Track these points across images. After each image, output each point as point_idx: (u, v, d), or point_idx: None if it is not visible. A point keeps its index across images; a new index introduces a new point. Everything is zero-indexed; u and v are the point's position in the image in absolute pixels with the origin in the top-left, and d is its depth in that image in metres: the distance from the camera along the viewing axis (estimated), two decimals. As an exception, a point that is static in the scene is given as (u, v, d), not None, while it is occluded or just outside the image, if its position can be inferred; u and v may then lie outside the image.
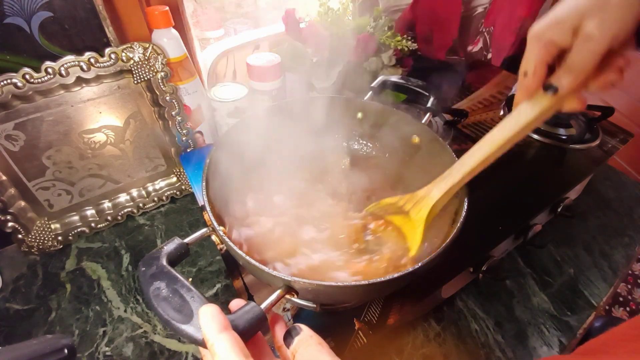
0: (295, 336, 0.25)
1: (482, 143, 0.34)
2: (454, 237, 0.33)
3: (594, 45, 0.27)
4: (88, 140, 0.54)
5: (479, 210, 0.37)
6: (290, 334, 0.26)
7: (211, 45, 0.66)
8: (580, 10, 0.27)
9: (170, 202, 0.64)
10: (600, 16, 0.26)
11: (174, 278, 0.27)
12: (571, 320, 0.50)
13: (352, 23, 0.64)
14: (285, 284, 0.30)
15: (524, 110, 0.32)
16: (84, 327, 0.48)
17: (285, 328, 0.27)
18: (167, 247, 0.30)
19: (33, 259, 0.56)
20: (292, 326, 0.26)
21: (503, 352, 0.46)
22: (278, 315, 0.30)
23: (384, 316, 0.43)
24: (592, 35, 0.26)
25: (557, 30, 0.28)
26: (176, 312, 0.25)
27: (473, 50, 0.94)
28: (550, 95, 0.30)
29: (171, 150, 0.62)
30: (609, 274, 0.55)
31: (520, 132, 0.32)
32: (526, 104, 0.32)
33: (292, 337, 0.26)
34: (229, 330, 0.23)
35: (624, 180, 0.71)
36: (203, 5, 0.75)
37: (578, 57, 0.28)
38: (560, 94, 0.29)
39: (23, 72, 0.45)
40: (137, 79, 0.53)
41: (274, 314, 0.30)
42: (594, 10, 0.27)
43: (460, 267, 0.46)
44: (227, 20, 0.82)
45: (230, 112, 0.60)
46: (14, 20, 0.44)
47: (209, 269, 0.54)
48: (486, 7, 0.86)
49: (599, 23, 0.26)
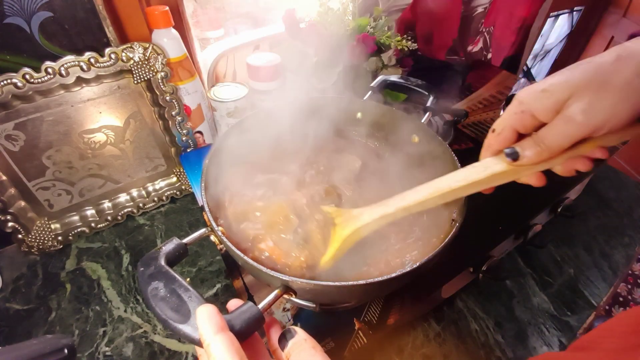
0: (290, 339, 0.25)
1: (429, 185, 0.33)
2: (453, 236, 0.33)
3: (572, 130, 0.24)
4: (88, 140, 0.54)
5: (479, 210, 0.37)
6: (284, 336, 0.26)
7: (211, 45, 0.66)
8: (571, 85, 0.24)
9: (170, 202, 0.64)
10: (589, 100, 0.23)
11: (172, 278, 0.27)
12: (571, 320, 0.50)
13: (352, 23, 0.64)
14: (283, 284, 0.30)
15: (477, 168, 0.30)
16: (84, 327, 0.48)
17: (280, 331, 0.27)
18: (166, 247, 0.30)
19: (33, 259, 0.56)
20: (287, 329, 0.26)
21: (503, 352, 0.46)
22: (274, 319, 0.29)
23: (384, 316, 0.43)
24: (574, 119, 0.24)
25: (540, 101, 0.26)
26: (174, 312, 0.25)
27: (473, 50, 0.94)
28: (509, 160, 0.28)
29: (171, 150, 0.62)
30: (609, 274, 0.55)
31: (466, 188, 0.31)
32: (483, 163, 0.30)
33: (286, 340, 0.26)
34: (225, 331, 0.23)
35: (624, 180, 0.71)
36: (203, 5, 0.75)
37: (550, 134, 0.26)
38: (519, 164, 0.27)
39: (23, 72, 0.45)
40: (137, 79, 0.53)
41: (270, 318, 0.29)
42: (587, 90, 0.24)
43: (460, 267, 0.46)
44: (227, 20, 0.82)
45: (230, 112, 0.60)
46: (14, 20, 0.44)
47: (209, 269, 0.54)
48: (486, 7, 0.86)
49: (586, 107, 0.23)
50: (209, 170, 0.39)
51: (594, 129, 0.24)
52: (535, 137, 0.27)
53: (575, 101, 0.24)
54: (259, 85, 0.61)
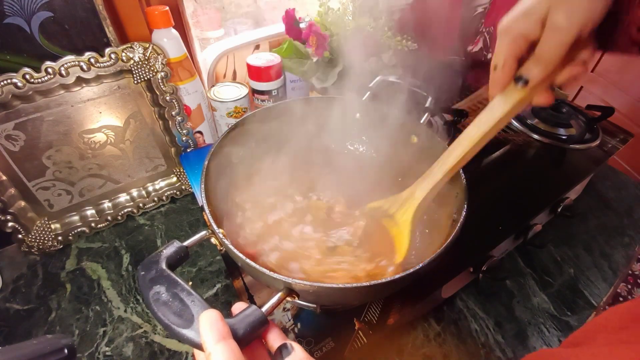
0: (286, 356, 0.25)
1: (461, 140, 0.34)
2: (455, 237, 0.33)
3: (562, 36, 0.26)
4: (88, 140, 0.54)
5: (479, 210, 0.37)
6: (280, 351, 0.25)
7: (211, 45, 0.66)
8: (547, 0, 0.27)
9: (170, 202, 0.64)
10: (567, 6, 0.26)
11: (174, 282, 0.27)
12: (571, 320, 0.50)
13: (352, 23, 0.64)
14: (286, 287, 0.29)
15: (497, 105, 0.32)
16: (84, 327, 0.48)
17: (279, 337, 0.26)
18: (167, 250, 0.30)
19: (33, 259, 0.56)
20: (284, 344, 0.26)
21: (503, 352, 0.46)
22: (271, 322, 0.29)
23: (384, 316, 0.43)
24: (560, 26, 0.26)
25: (525, 22, 0.28)
26: (176, 317, 0.25)
27: (473, 50, 0.94)
28: (520, 87, 0.30)
29: (171, 150, 0.62)
30: (609, 274, 0.55)
31: (495, 127, 0.32)
32: (499, 98, 0.32)
33: (282, 357, 0.25)
34: (226, 339, 0.23)
35: (624, 180, 0.71)
36: (203, 5, 0.75)
37: (546, 47, 0.28)
38: (531, 85, 0.29)
39: (23, 72, 0.45)
40: (137, 79, 0.53)
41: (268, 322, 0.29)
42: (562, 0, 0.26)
43: (460, 267, 0.46)
44: (227, 20, 0.82)
45: (230, 112, 0.60)
46: (14, 20, 0.44)
47: (209, 269, 0.54)
48: (486, 7, 0.86)
49: (566, 13, 0.26)
50: (209, 171, 0.39)
51: (580, 28, 0.26)
52: (533, 58, 0.29)
53: (555, 10, 0.26)
54: (259, 85, 0.61)
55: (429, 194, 0.36)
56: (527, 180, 0.58)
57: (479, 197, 0.33)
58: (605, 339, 0.30)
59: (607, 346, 0.28)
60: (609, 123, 0.69)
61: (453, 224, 0.36)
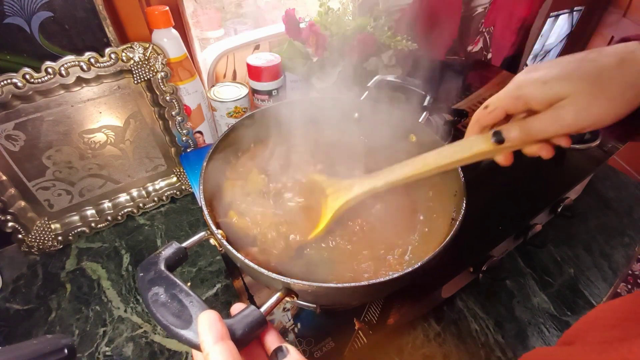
0: (281, 359, 0.25)
1: (416, 160, 0.34)
2: (453, 236, 0.33)
3: (559, 127, 0.26)
4: (88, 140, 0.54)
5: (479, 210, 0.37)
6: (276, 354, 0.25)
7: (211, 45, 0.66)
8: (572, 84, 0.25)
9: (170, 202, 0.64)
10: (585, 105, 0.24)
11: (173, 283, 0.27)
12: (571, 320, 0.50)
13: (352, 23, 0.64)
14: (284, 287, 0.29)
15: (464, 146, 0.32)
16: (84, 327, 0.48)
17: (276, 339, 0.26)
18: (165, 251, 0.30)
19: (33, 259, 0.56)
20: (279, 347, 0.25)
21: (503, 352, 0.46)
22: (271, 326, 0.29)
23: (384, 316, 0.43)
24: (564, 119, 0.25)
25: (538, 93, 0.26)
26: (175, 318, 0.25)
27: (473, 50, 0.94)
28: (493, 142, 0.29)
29: (171, 150, 0.62)
30: (609, 274, 0.55)
31: (452, 164, 0.33)
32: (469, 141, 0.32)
33: (277, 359, 0.25)
34: (225, 340, 0.23)
35: (624, 180, 0.71)
36: (203, 5, 0.75)
37: (539, 126, 0.27)
38: (504, 145, 0.29)
39: (23, 72, 0.45)
40: (137, 79, 0.53)
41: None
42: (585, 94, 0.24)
43: (460, 267, 0.46)
44: (227, 20, 0.82)
45: (230, 112, 0.60)
46: (14, 20, 0.44)
47: (209, 269, 0.54)
48: (486, 7, 0.86)
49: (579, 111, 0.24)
50: (208, 171, 0.39)
51: (579, 129, 0.25)
52: (522, 124, 0.28)
53: (571, 102, 0.25)
54: (259, 85, 0.61)
55: (364, 194, 0.37)
56: (527, 180, 0.58)
57: (479, 196, 0.33)
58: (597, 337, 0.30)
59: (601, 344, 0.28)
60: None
61: (452, 223, 0.36)
